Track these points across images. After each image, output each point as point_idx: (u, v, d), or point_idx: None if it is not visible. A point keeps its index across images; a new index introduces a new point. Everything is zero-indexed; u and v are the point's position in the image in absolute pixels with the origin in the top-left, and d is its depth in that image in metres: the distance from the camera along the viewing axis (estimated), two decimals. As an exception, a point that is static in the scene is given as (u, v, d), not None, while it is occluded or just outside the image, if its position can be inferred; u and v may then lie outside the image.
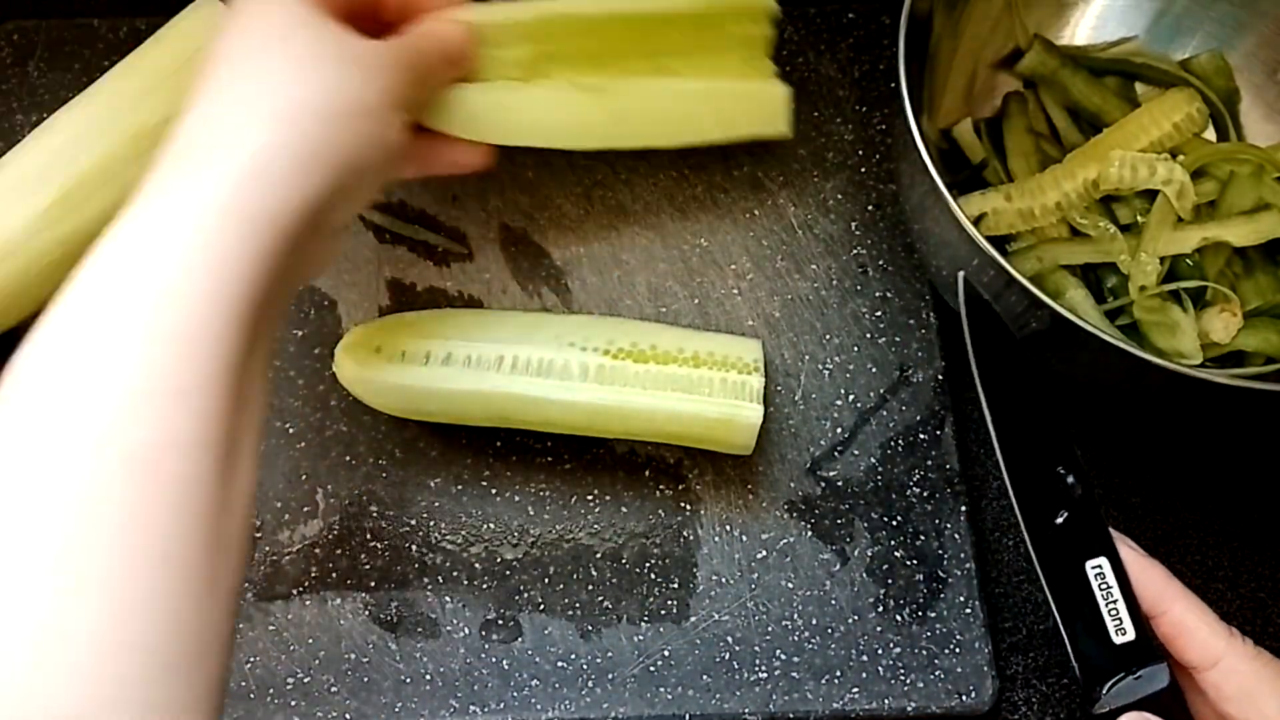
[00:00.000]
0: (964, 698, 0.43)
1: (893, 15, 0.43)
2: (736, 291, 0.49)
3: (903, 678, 0.43)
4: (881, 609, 0.44)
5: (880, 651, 0.44)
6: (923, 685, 0.43)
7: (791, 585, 0.45)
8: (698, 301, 0.49)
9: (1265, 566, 0.47)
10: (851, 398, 0.48)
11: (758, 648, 0.44)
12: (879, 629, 0.44)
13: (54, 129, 0.46)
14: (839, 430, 0.47)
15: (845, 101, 0.52)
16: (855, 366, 0.48)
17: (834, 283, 0.49)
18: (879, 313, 0.49)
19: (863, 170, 0.52)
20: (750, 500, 0.46)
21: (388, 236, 0.50)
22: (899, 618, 0.44)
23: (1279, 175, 0.48)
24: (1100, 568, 0.37)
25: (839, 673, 0.43)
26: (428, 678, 0.43)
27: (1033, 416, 0.38)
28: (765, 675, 0.43)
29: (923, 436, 0.47)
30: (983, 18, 0.50)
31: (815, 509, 0.46)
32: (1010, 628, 0.46)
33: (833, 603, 0.44)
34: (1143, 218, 0.47)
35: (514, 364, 0.43)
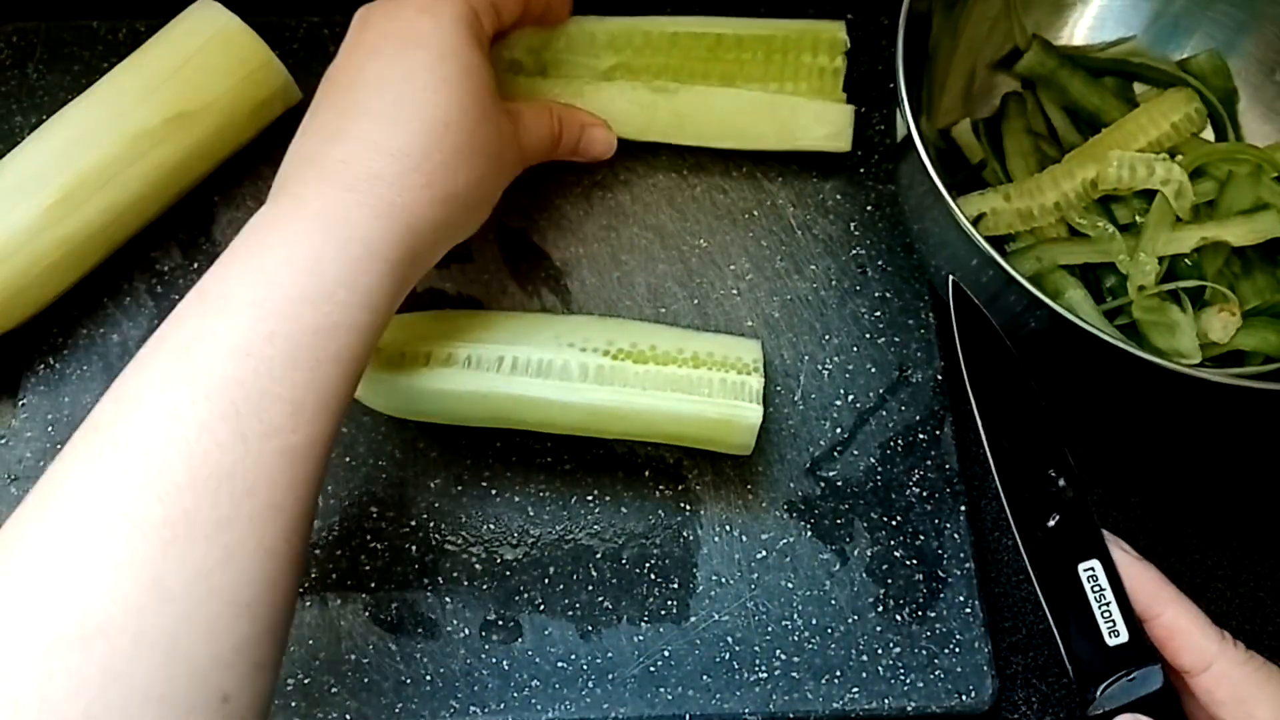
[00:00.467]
0: (964, 697, 0.43)
1: (891, 15, 0.43)
2: (735, 292, 0.49)
3: (903, 678, 0.43)
4: (881, 609, 0.44)
5: (880, 651, 0.44)
6: (923, 685, 0.43)
7: (791, 585, 0.45)
8: (697, 302, 0.49)
9: (1265, 566, 0.47)
10: (851, 398, 0.48)
11: (758, 648, 0.44)
12: (879, 629, 0.44)
13: (53, 130, 0.46)
14: (838, 430, 0.47)
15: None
16: (854, 367, 0.48)
17: (833, 283, 0.50)
18: (878, 313, 0.49)
19: (862, 170, 0.52)
20: (750, 500, 0.46)
21: (387, 237, 0.50)
22: (899, 618, 0.44)
23: (1277, 175, 0.48)
24: (1093, 570, 0.37)
25: (839, 673, 0.43)
26: (428, 678, 0.43)
27: (1023, 420, 0.39)
28: (765, 675, 0.43)
29: (922, 436, 0.47)
30: (981, 18, 0.50)
31: (815, 509, 0.46)
32: (1010, 627, 0.46)
33: (833, 603, 0.44)
34: (1141, 218, 0.47)
35: (514, 365, 0.43)
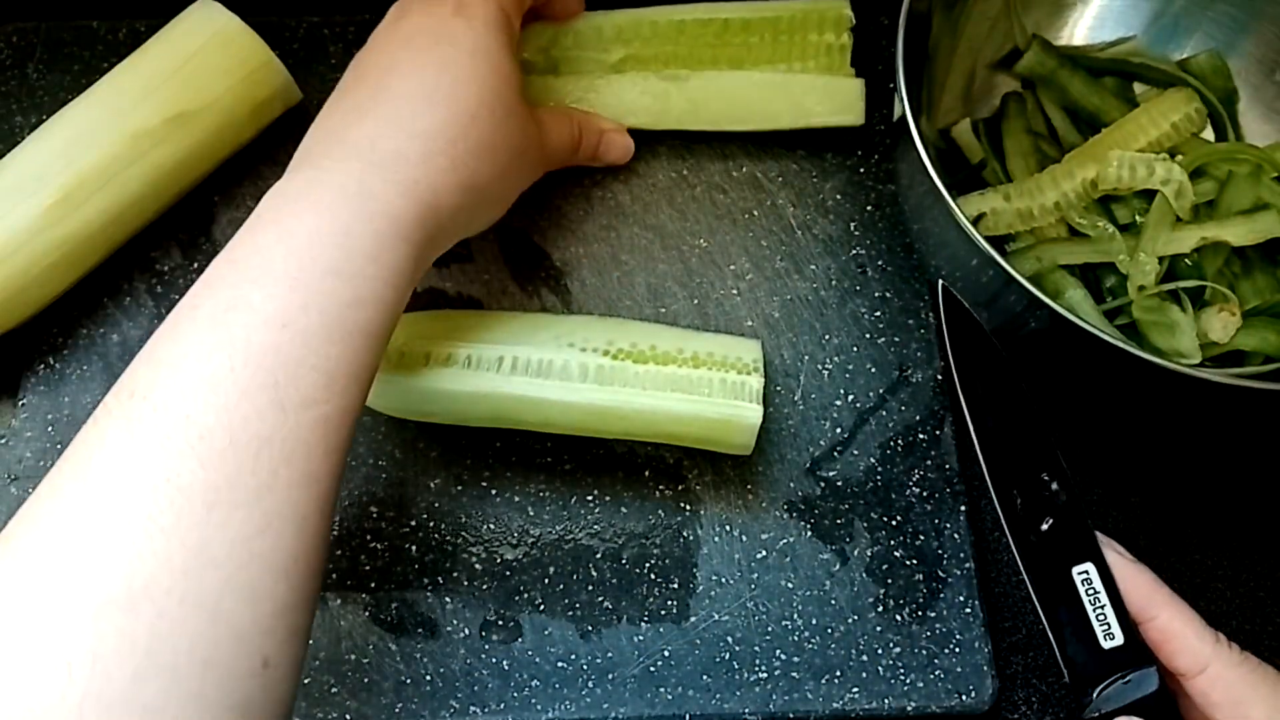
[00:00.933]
0: (964, 697, 0.43)
1: (891, 15, 0.43)
2: (735, 292, 0.49)
3: (903, 677, 0.43)
4: (881, 609, 0.44)
5: (880, 651, 0.44)
6: (923, 685, 0.43)
7: (791, 585, 0.45)
8: (697, 302, 0.49)
9: (1265, 566, 0.47)
10: (851, 398, 0.48)
11: (758, 648, 0.44)
12: (879, 629, 0.44)
13: (53, 130, 0.46)
14: (838, 430, 0.47)
15: (844, 102, 0.52)
16: (854, 366, 0.48)
17: (833, 283, 0.49)
18: (878, 313, 0.49)
19: (862, 170, 0.52)
20: (750, 500, 0.46)
21: (387, 237, 0.50)
22: (899, 617, 0.44)
23: (1277, 175, 0.48)
24: (1087, 573, 0.37)
25: (839, 673, 0.43)
26: (428, 678, 0.43)
27: (1016, 424, 0.39)
28: (765, 675, 0.43)
29: (922, 436, 0.47)
30: (981, 18, 0.50)
31: (815, 509, 0.46)
32: (1010, 627, 0.46)
33: (833, 603, 0.44)
34: (1141, 218, 0.47)
35: (514, 365, 0.43)
